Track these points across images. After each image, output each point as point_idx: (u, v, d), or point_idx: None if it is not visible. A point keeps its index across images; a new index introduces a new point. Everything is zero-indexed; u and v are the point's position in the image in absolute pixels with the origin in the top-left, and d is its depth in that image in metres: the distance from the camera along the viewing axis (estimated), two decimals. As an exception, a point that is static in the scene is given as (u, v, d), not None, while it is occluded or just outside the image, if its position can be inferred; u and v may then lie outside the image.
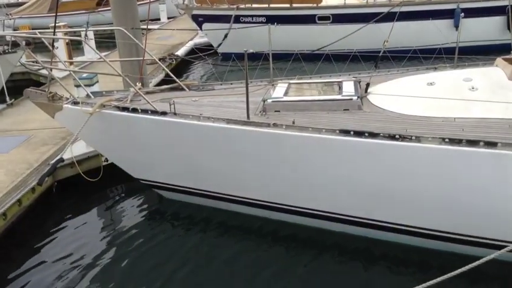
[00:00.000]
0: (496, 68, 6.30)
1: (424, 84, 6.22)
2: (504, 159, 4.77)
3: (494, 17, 14.45)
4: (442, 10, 14.22)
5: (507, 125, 5.25)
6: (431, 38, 12.85)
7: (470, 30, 13.99)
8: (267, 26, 7.44)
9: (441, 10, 14.13)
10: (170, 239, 6.48)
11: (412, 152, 5.12)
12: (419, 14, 14.71)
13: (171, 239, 6.49)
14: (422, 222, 5.58)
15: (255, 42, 8.09)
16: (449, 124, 5.43)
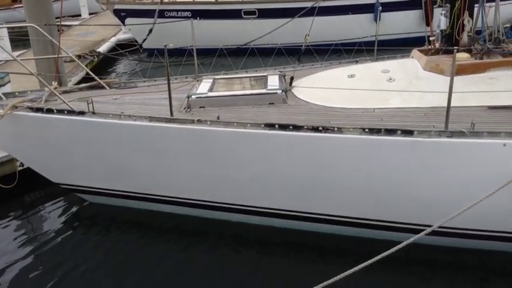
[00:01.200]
0: (412, 60, 6.57)
1: (345, 76, 6.37)
2: (420, 146, 4.96)
3: (411, 11, 15.14)
4: (363, 4, 14.70)
5: (423, 113, 5.47)
6: (353, 31, 13.25)
7: (389, 23, 14.63)
8: (192, 20, 7.28)
9: (362, 5, 14.61)
10: (95, 244, 6.19)
11: (335, 143, 5.22)
12: (341, 8, 15.12)
13: (96, 244, 6.20)
14: (348, 211, 5.71)
15: (180, 38, 7.91)
16: (369, 115, 5.58)
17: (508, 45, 6.08)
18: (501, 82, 5.63)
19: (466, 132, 4.81)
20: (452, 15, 6.11)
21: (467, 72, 5.79)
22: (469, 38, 6.17)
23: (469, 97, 5.44)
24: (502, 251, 5.43)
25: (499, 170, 4.74)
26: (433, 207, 5.16)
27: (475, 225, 5.27)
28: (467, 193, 4.71)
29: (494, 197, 4.50)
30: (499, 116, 5.22)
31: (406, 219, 5.49)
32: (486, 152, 4.82)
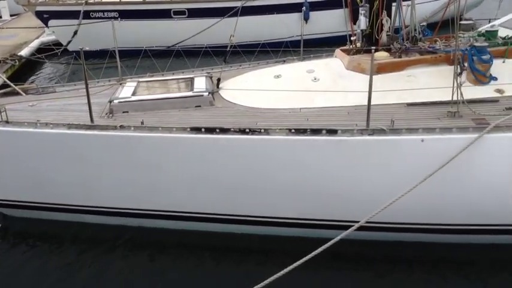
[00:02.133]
0: (336, 59, 6.69)
1: (272, 77, 6.37)
2: (344, 145, 5.05)
3: (337, 10, 15.51)
4: (291, 4, 14.88)
5: (346, 112, 5.57)
6: (282, 31, 13.34)
7: (318, 22, 14.93)
8: (113, 21, 6.99)
9: (290, 4, 14.78)
10: (15, 263, 5.79)
11: (262, 145, 5.19)
12: (270, 8, 15.24)
13: (16, 262, 5.81)
14: (278, 212, 5.71)
15: (108, 39, 7.59)
16: (295, 115, 5.61)
17: (425, 43, 6.33)
18: (419, 79, 5.85)
19: (386, 129, 4.95)
20: (371, 15, 6.28)
21: (386, 71, 5.97)
22: (388, 37, 6.36)
23: (389, 95, 5.61)
24: (426, 242, 5.63)
25: (418, 165, 4.90)
26: (360, 203, 5.26)
27: (400, 219, 5.43)
28: (390, 188, 4.84)
29: (416, 191, 4.67)
30: (417, 113, 5.42)
31: (334, 217, 5.57)
32: (405, 147, 4.98)
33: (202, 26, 13.81)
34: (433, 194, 5.03)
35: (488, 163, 4.92)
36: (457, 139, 4.81)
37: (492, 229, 5.25)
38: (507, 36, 6.23)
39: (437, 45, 6.20)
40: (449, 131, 4.86)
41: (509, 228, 5.21)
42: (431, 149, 4.89)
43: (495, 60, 5.83)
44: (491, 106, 5.41)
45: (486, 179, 4.97)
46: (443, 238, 5.53)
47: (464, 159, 4.78)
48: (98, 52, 5.43)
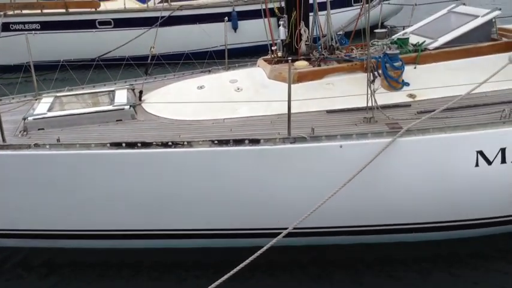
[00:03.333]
0: (259, 68, 6.78)
1: (195, 88, 6.35)
2: (267, 154, 5.11)
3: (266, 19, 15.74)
4: (219, 13, 14.91)
5: (269, 121, 5.65)
6: (210, 40, 13.35)
7: (246, 31, 15.07)
8: (27, 34, 6.67)
9: (218, 13, 14.81)
10: None
11: (185, 157, 5.15)
12: (198, 17, 15.20)
13: None
14: (207, 224, 5.67)
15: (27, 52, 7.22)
16: (219, 125, 5.62)
17: (342, 52, 6.56)
18: (337, 87, 6.04)
19: (307, 137, 5.06)
20: (290, 26, 6.43)
21: (307, 79, 6.12)
22: (307, 47, 6.53)
23: (309, 103, 5.75)
24: (353, 244, 5.81)
25: (339, 170, 5.05)
26: (286, 210, 5.33)
27: (326, 223, 5.56)
28: (314, 194, 4.94)
29: (339, 195, 4.80)
30: (337, 119, 5.59)
31: (262, 225, 5.61)
32: (326, 154, 5.11)
33: (128, 36, 13.53)
34: (355, 198, 5.20)
35: (403, 165, 5.16)
36: (372, 144, 5.00)
37: (409, 228, 5.49)
38: (418, 43, 6.59)
39: (354, 54, 6.45)
40: (365, 136, 5.05)
41: (424, 227, 5.48)
42: (350, 155, 5.06)
43: (407, 67, 6.14)
44: (404, 111, 5.69)
45: (401, 180, 5.21)
46: (367, 239, 5.73)
47: (381, 162, 4.98)
48: (12, 66, 5.14)
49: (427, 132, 5.06)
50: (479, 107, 5.61)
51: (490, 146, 5.08)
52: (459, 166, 5.12)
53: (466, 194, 5.22)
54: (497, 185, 5.21)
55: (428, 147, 5.10)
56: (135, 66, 7.84)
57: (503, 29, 7.19)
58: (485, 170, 5.10)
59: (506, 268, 5.50)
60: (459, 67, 6.24)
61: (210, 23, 14.73)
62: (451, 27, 6.81)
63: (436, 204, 5.29)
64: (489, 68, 5.42)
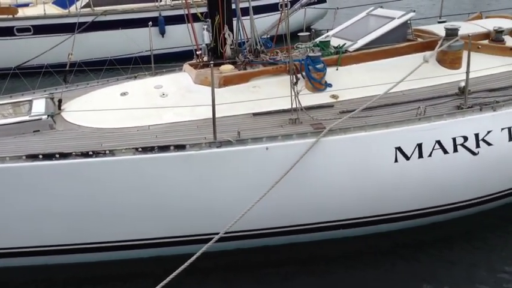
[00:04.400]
0: (184, 73, 6.70)
1: (118, 95, 6.16)
2: (194, 159, 5.04)
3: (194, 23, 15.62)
4: (146, 18, 14.62)
5: (196, 126, 5.59)
6: (138, 45, 13.08)
7: (174, 36, 14.87)
8: None
9: (144, 18, 14.50)
10: None
11: (109, 167, 4.97)
12: (124, 22, 14.82)
13: None
14: (136, 234, 5.51)
15: None
16: (144, 133, 5.48)
17: (267, 55, 6.63)
18: (263, 89, 6.10)
19: (233, 140, 5.05)
20: (214, 30, 6.41)
21: (233, 83, 6.13)
22: (232, 51, 6.54)
23: (236, 106, 5.75)
24: (286, 244, 5.84)
25: (266, 172, 5.09)
26: (217, 215, 5.30)
27: (258, 225, 5.58)
28: (243, 197, 4.95)
29: (268, 197, 4.82)
30: (263, 122, 5.63)
31: (193, 231, 5.53)
32: (253, 157, 5.13)
33: (49, 43, 12.94)
34: (283, 198, 5.25)
35: (327, 164, 5.28)
36: (298, 144, 5.09)
37: (336, 225, 5.63)
38: (339, 46, 6.79)
39: (279, 57, 6.54)
40: (290, 137, 5.13)
41: (351, 223, 5.64)
42: (276, 156, 5.11)
43: (329, 68, 6.32)
44: (328, 111, 5.84)
45: (327, 178, 5.33)
46: (298, 238, 5.81)
47: (307, 162, 5.07)
48: None
49: (349, 131, 5.22)
50: (397, 105, 5.87)
51: (407, 142, 5.31)
52: (379, 162, 5.32)
53: (387, 189, 5.43)
54: (416, 179, 5.46)
55: (350, 146, 5.26)
56: (55, 75, 7.49)
57: (419, 30, 7.59)
58: (404, 165, 5.33)
59: (422, 257, 5.76)
60: (378, 67, 6.50)
61: (136, 28, 14.39)
62: (370, 29, 7.09)
63: (360, 200, 5.46)
64: (406, 67, 5.69)
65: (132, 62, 7.70)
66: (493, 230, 6.16)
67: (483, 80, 6.40)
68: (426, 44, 6.81)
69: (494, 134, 5.54)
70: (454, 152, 5.42)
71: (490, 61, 6.72)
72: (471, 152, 5.48)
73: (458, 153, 5.43)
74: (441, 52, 6.55)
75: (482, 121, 5.53)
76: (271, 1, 15.85)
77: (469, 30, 7.32)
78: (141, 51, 8.77)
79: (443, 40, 6.52)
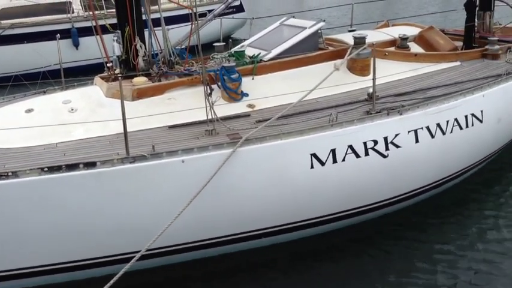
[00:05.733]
0: (95, 87, 6.44)
1: (23, 112, 5.79)
2: (106, 177, 4.83)
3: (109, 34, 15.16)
4: (58, 30, 13.99)
5: (108, 141, 5.37)
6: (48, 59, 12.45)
7: (88, 49, 14.32)
8: None
9: (56, 31, 13.87)
10: None
11: (11, 190, 4.63)
12: (33, 35, 14.08)
13: None
14: (47, 259, 5.17)
15: None
16: (51, 151, 5.18)
17: (182, 66, 6.53)
18: (179, 101, 5.99)
19: (147, 155, 4.90)
20: (125, 41, 6.22)
21: (147, 95, 5.98)
22: (145, 62, 6.38)
23: (150, 119, 5.60)
24: (209, 257, 5.77)
25: (183, 186, 4.98)
26: (136, 233, 5.10)
27: (178, 240, 5.44)
28: (162, 213, 4.81)
29: (188, 211, 4.70)
30: (178, 134, 5.52)
31: (114, 252, 5.29)
32: (168, 171, 5.00)
33: None
34: (203, 211, 5.17)
35: (246, 174, 5.27)
36: (214, 156, 5.03)
37: (258, 234, 5.63)
38: (254, 55, 6.85)
39: (194, 68, 6.47)
40: (206, 149, 5.06)
41: (272, 231, 5.66)
42: (193, 169, 5.02)
43: (245, 78, 6.34)
44: (244, 121, 5.85)
45: (246, 188, 5.32)
46: (221, 250, 5.74)
47: (224, 173, 5.02)
48: None
49: (265, 140, 5.25)
50: (311, 113, 6.00)
51: (321, 148, 5.44)
52: (296, 169, 5.39)
53: (305, 195, 5.52)
54: (332, 184, 5.60)
55: (267, 154, 5.29)
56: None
57: (330, 39, 7.85)
58: (320, 171, 5.45)
59: (342, 260, 5.94)
60: (293, 76, 6.62)
61: (48, 41, 13.71)
62: (283, 39, 7.22)
63: (279, 207, 5.50)
64: (319, 75, 5.84)
65: (40, 76, 7.28)
66: (408, 227, 6.47)
67: (390, 86, 6.72)
68: (337, 53, 7.05)
69: (401, 137, 5.81)
70: (365, 156, 5.63)
71: (397, 67, 7.08)
72: (381, 154, 5.71)
73: (369, 157, 5.64)
74: (351, 60, 6.80)
75: (390, 125, 5.79)
76: (184, 11, 15.79)
77: (376, 38, 7.70)
78: (49, 65, 8.34)
79: (352, 48, 6.77)
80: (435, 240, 6.15)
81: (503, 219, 6.58)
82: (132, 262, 4.44)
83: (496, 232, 6.31)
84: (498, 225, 6.46)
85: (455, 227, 6.44)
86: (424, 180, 6.31)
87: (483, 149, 7.03)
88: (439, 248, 6.01)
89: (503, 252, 5.90)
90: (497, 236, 6.24)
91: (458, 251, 5.95)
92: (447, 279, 5.50)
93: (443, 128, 6.12)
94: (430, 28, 8.16)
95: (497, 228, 6.40)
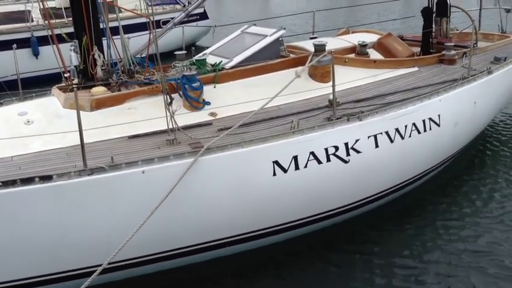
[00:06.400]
0: (53, 98, 6.29)
1: (-26, 125, 5.60)
2: (63, 190, 4.71)
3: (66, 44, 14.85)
4: (16, 40, 13.64)
5: (65, 153, 5.24)
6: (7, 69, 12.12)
7: (50, 58, 14.00)
8: None
9: (15, 40, 13.52)
10: None
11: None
12: None
13: None
14: (8, 276, 4.99)
15: None
16: (6, 164, 5.01)
17: (142, 75, 6.45)
18: (139, 111, 5.91)
19: (105, 167, 4.80)
20: (82, 51, 6.11)
21: (106, 106, 5.87)
22: (104, 72, 6.27)
23: (110, 130, 5.50)
24: (175, 268, 5.69)
25: (144, 197, 4.90)
26: (97, 247, 4.99)
27: (142, 252, 5.35)
28: (123, 225, 4.71)
29: (150, 222, 4.61)
30: (139, 145, 5.44)
31: (74, 266, 5.15)
32: (128, 182, 4.92)
33: None
34: (166, 222, 5.10)
35: (208, 183, 5.24)
36: (175, 165, 4.98)
37: (222, 243, 5.60)
38: (215, 63, 6.84)
39: (155, 77, 6.39)
40: (167, 159, 5.00)
41: (236, 239, 5.64)
42: (154, 179, 4.95)
43: (207, 86, 6.32)
44: (206, 129, 5.81)
45: (209, 198, 5.28)
46: (186, 260, 5.67)
47: (187, 183, 4.97)
48: None
49: (226, 149, 5.23)
50: (273, 120, 6.02)
51: (283, 155, 5.46)
52: (259, 177, 5.40)
53: (268, 203, 5.53)
54: (295, 191, 5.62)
55: (229, 163, 5.27)
56: None
57: (291, 46, 7.91)
58: (282, 178, 5.46)
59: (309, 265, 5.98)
60: (255, 84, 6.64)
61: (6, 51, 13.32)
62: (245, 46, 7.24)
63: (243, 216, 5.49)
64: (281, 82, 5.87)
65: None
66: (373, 229, 6.58)
67: (350, 92, 6.83)
68: (298, 60, 7.11)
69: (362, 142, 5.90)
70: (327, 162, 5.68)
71: (357, 73, 7.20)
72: (342, 160, 5.78)
73: (331, 163, 5.70)
74: (312, 67, 6.88)
75: (350, 131, 5.87)
76: (144, 20, 15.67)
77: (337, 45, 7.82)
78: (6, 76, 8.08)
79: (313, 56, 6.85)
80: (395, 243, 6.28)
81: (456, 221, 6.75)
82: (93, 276, 4.33)
83: (454, 233, 6.47)
84: (455, 226, 6.64)
85: (414, 230, 6.58)
86: (385, 184, 6.42)
87: (441, 153, 7.22)
88: (397, 251, 6.13)
89: (460, 251, 6.07)
90: (454, 236, 6.40)
91: (416, 253, 6.07)
92: (406, 282, 5.61)
93: (402, 133, 6.25)
94: (389, 35, 8.34)
95: (453, 229, 6.57)
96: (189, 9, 7.75)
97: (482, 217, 6.79)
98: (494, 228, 6.47)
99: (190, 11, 7.54)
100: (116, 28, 6.37)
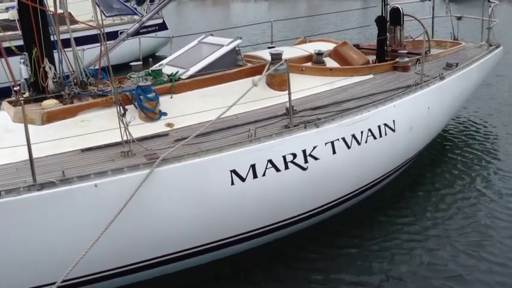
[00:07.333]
0: (3, 112, 6.09)
1: None
2: (11, 207, 4.53)
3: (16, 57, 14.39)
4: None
5: (15, 168, 5.05)
6: None
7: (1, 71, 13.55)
8: None
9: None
10: None
11: None
12: None
13: None
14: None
15: None
16: None
17: (95, 87, 6.32)
18: (93, 123, 5.77)
19: (56, 181, 4.66)
20: (33, 63, 5.93)
21: (58, 119, 5.71)
22: (55, 84, 6.11)
23: (62, 143, 5.35)
24: (134, 283, 5.55)
25: (98, 211, 4.77)
26: (50, 264, 4.82)
27: (98, 268, 5.19)
28: (76, 241, 4.59)
29: (104, 237, 4.49)
30: (92, 157, 5.30)
31: (26, 285, 4.94)
32: (80, 196, 4.78)
33: None
34: (122, 236, 4.98)
35: (165, 195, 5.15)
36: (130, 178, 4.88)
37: (181, 255, 5.50)
38: (172, 74, 6.77)
39: (108, 88, 6.27)
40: (121, 171, 4.90)
41: (195, 251, 5.55)
42: (107, 193, 4.83)
43: (164, 97, 6.24)
44: (163, 140, 5.73)
45: (166, 210, 5.19)
46: (144, 275, 5.54)
47: (143, 195, 4.87)
48: None
49: (183, 159, 5.16)
50: (231, 129, 6.00)
51: (241, 164, 5.44)
52: (217, 187, 5.35)
53: (226, 212, 5.48)
54: (254, 199, 5.60)
55: (186, 173, 5.21)
56: None
57: (249, 55, 7.93)
58: (240, 187, 5.43)
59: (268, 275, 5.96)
60: (212, 93, 6.60)
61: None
62: (202, 56, 7.20)
63: (202, 227, 5.42)
64: (238, 92, 5.85)
65: None
66: (335, 236, 6.63)
67: (307, 100, 6.89)
68: (256, 69, 7.12)
69: (319, 149, 5.95)
70: (285, 169, 5.69)
71: (313, 81, 7.27)
72: (301, 167, 5.80)
73: (289, 170, 5.71)
74: (269, 76, 6.90)
75: (308, 138, 5.91)
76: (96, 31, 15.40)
77: (293, 54, 7.89)
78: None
79: (270, 64, 6.88)
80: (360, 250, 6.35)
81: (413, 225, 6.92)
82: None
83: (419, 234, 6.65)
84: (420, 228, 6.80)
85: (376, 232, 6.70)
86: (344, 190, 6.48)
87: (398, 157, 7.37)
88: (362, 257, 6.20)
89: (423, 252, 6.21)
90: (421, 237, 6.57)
91: (381, 257, 6.18)
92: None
93: (358, 139, 6.35)
94: (344, 43, 8.48)
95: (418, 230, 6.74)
96: (143, 19, 7.65)
97: (438, 220, 6.98)
98: (451, 237, 6.57)
99: (144, 21, 7.45)
100: (68, 40, 6.23)
